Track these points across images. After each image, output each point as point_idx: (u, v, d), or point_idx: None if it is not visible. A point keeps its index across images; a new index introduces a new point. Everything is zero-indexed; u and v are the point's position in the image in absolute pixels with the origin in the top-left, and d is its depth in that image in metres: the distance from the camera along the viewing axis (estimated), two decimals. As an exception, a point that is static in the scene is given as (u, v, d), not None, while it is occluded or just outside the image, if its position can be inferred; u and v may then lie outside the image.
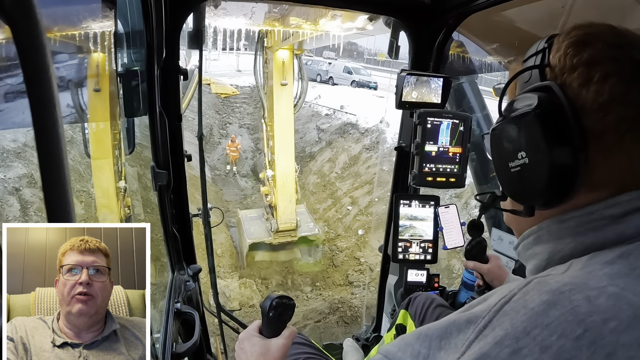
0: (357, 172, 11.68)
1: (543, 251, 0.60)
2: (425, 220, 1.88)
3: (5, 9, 0.44)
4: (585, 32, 0.58)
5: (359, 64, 24.57)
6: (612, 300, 0.45)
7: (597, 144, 0.54)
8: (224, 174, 13.72)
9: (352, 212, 10.56)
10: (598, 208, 0.55)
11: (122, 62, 1.59)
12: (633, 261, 0.50)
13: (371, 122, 12.67)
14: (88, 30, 1.47)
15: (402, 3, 1.82)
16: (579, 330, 0.42)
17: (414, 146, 1.76)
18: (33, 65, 0.47)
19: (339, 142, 13.06)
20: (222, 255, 9.17)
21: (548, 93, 0.56)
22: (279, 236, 8.71)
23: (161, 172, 1.55)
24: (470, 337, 0.48)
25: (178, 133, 1.66)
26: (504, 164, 0.63)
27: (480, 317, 0.49)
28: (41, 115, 0.48)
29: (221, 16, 3.90)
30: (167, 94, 1.59)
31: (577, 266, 0.53)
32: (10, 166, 6.46)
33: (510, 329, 0.45)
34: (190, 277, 1.77)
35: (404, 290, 1.88)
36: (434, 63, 1.87)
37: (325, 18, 4.23)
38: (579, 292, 0.46)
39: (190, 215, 1.79)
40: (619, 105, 0.53)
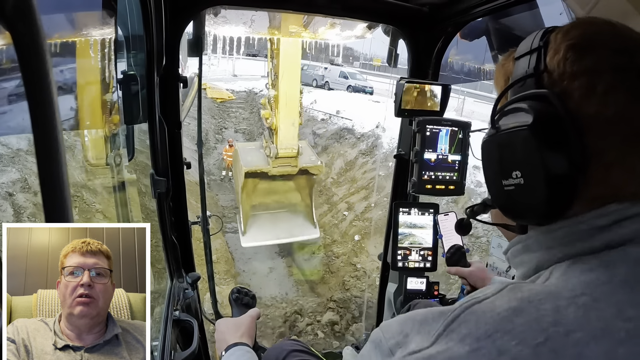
0: (353, 178, 11.68)
1: (530, 260, 0.58)
2: (424, 228, 1.88)
3: (5, 15, 0.44)
4: (585, 34, 0.53)
5: (355, 69, 24.70)
6: (581, 311, 0.44)
7: (598, 162, 0.50)
8: (219, 179, 13.67)
9: (349, 218, 10.54)
10: (587, 218, 0.52)
11: (121, 69, 1.59)
12: (612, 269, 0.48)
13: (367, 127, 12.69)
14: (88, 36, 1.47)
15: (400, 12, 1.83)
16: (540, 338, 0.42)
17: (413, 154, 1.76)
18: (33, 71, 0.47)
19: (335, 147, 13.07)
20: (217, 262, 9.11)
21: (545, 103, 0.51)
22: (278, 164, 7.57)
23: (160, 180, 1.55)
24: (439, 330, 0.48)
25: (177, 140, 1.66)
26: (497, 181, 0.58)
27: (451, 310, 0.49)
28: (41, 120, 0.48)
29: (221, 24, 3.91)
30: (167, 101, 1.58)
31: (556, 273, 0.51)
32: (3, 171, 6.41)
33: (474, 329, 0.45)
34: (189, 284, 1.76)
35: (403, 298, 1.87)
36: (432, 71, 1.89)
37: (325, 26, 4.21)
38: (548, 302, 0.45)
39: (190, 222, 1.78)
40: (625, 120, 0.49)
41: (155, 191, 1.55)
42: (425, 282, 1.88)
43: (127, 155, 1.96)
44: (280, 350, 1.31)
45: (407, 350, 0.49)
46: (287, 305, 8.20)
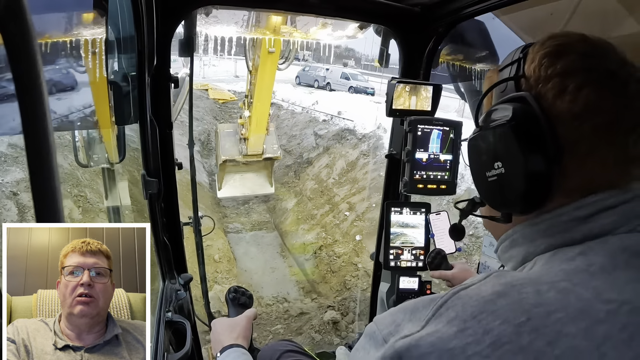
0: (354, 178, 11.66)
1: (518, 254, 0.62)
2: (416, 227, 1.88)
3: None
4: (559, 43, 0.59)
5: (356, 70, 24.67)
6: (561, 295, 0.47)
7: (571, 152, 0.55)
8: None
9: (350, 218, 10.53)
10: (567, 210, 0.56)
11: (112, 69, 1.60)
12: (592, 258, 0.51)
13: (368, 127, 12.67)
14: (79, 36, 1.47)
15: (392, 12, 1.83)
16: (522, 318, 0.45)
17: (405, 154, 1.76)
18: (24, 71, 0.47)
19: (337, 148, 13.05)
20: (219, 261, 9.13)
21: (523, 104, 0.58)
22: (247, 158, 10.02)
23: (152, 180, 1.55)
24: (429, 315, 0.51)
25: (169, 141, 1.66)
26: (481, 173, 0.65)
27: (440, 296, 0.52)
28: (31, 121, 0.48)
29: (212, 24, 3.91)
30: (158, 101, 1.59)
31: (540, 263, 0.56)
32: (7, 170, 6.45)
33: (461, 311, 0.49)
34: (182, 286, 1.76)
35: (396, 297, 1.87)
36: (424, 71, 1.89)
37: (317, 26, 4.26)
38: (530, 285, 0.49)
39: (181, 223, 1.78)
40: (593, 114, 0.54)
41: (146, 192, 1.55)
42: (417, 281, 1.88)
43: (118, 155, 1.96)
44: (274, 351, 1.32)
45: (399, 336, 0.52)
46: (288, 304, 8.21)
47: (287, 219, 11.39)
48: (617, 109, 0.54)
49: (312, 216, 11.22)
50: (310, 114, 15.15)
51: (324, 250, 10.02)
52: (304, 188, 12.40)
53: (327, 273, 9.48)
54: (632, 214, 0.54)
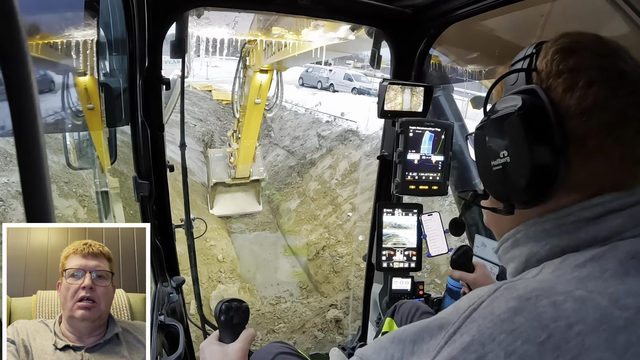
0: (357, 179, 11.66)
1: (521, 254, 0.61)
2: (408, 228, 1.87)
3: None
4: (572, 40, 0.59)
5: (360, 71, 24.61)
6: (578, 304, 0.45)
7: (578, 147, 0.55)
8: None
9: (353, 219, 10.53)
10: (574, 210, 0.56)
11: (104, 71, 1.60)
12: (603, 264, 0.50)
13: (372, 129, 12.65)
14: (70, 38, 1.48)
15: (383, 13, 1.83)
16: (543, 335, 0.43)
17: (397, 155, 1.76)
18: (13, 72, 0.46)
19: (340, 148, 13.04)
20: (223, 261, 9.16)
21: (532, 96, 0.58)
22: (236, 180, 10.94)
23: (143, 183, 1.55)
24: (441, 343, 0.48)
25: (160, 143, 1.66)
26: (487, 162, 0.64)
27: (450, 323, 0.49)
28: (22, 122, 0.48)
29: (204, 26, 3.93)
30: (149, 103, 1.59)
31: (548, 269, 0.54)
32: (13, 170, 6.51)
33: (477, 335, 0.45)
34: (174, 288, 1.75)
35: (388, 298, 1.87)
36: (415, 72, 1.88)
37: (308, 28, 4.27)
38: (545, 297, 0.46)
39: (173, 226, 1.78)
40: (602, 110, 0.54)
41: (138, 194, 1.55)
42: (410, 282, 1.88)
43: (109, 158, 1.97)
44: (267, 353, 1.31)
45: None
46: (291, 303, 8.22)
47: (290, 220, 11.41)
48: (627, 108, 0.54)
49: (315, 217, 11.22)
50: (313, 115, 15.16)
51: (326, 250, 10.02)
52: (307, 189, 12.40)
53: (329, 273, 9.48)
54: (639, 218, 0.53)
